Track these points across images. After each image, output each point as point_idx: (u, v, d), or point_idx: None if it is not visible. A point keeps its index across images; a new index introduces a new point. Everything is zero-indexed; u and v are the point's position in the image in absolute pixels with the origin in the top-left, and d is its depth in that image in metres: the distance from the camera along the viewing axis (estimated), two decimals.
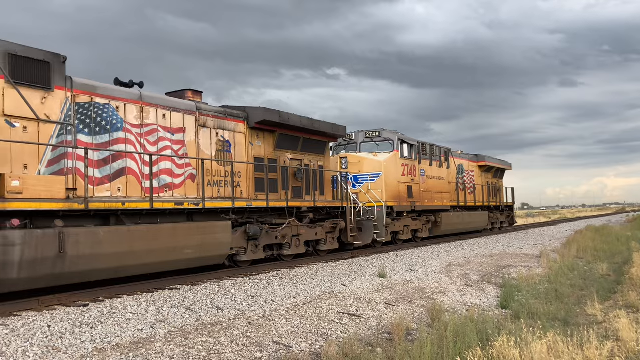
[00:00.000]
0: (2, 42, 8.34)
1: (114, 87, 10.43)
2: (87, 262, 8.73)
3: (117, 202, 9.57)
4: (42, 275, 8.18)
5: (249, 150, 13.25)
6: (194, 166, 11.56)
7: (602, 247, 19.57)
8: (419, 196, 20.59)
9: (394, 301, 9.92)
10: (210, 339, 6.73)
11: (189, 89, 12.49)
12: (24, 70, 8.57)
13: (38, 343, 6.22)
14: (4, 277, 7.71)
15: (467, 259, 16.18)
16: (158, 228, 10.12)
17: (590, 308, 9.30)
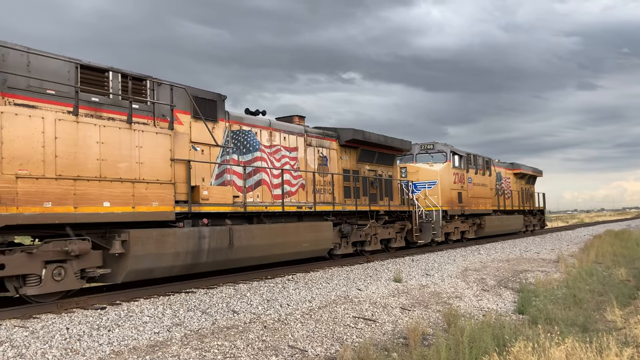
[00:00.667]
0: (190, 88, 10.99)
1: (254, 117, 13.31)
2: (245, 251, 11.41)
3: (262, 205, 12.46)
4: (219, 261, 10.87)
5: (339, 164, 16.03)
6: (304, 177, 14.40)
7: (622, 252, 19.27)
8: (467, 201, 22.94)
9: (410, 306, 9.87)
10: (226, 343, 6.76)
11: (296, 115, 15.57)
12: (201, 108, 11.23)
13: (57, 345, 6.30)
14: (199, 261, 10.41)
15: (483, 264, 16.05)
16: (287, 226, 12.93)
17: (610, 314, 9.16)
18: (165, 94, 10.42)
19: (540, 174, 34.33)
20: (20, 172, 7.86)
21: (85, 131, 8.72)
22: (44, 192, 8.08)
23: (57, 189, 8.23)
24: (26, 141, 7.95)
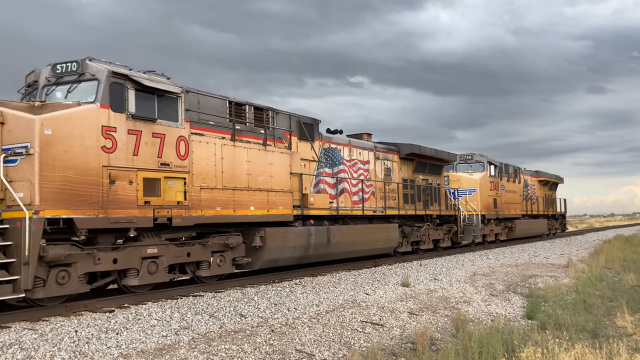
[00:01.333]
0: (296, 115, 13.70)
1: (338, 136, 15.88)
2: (338, 246, 13.99)
3: (347, 209, 15.15)
4: (320, 254, 13.52)
5: (400, 174, 18.43)
6: (374, 186, 16.81)
7: (632, 257, 19.09)
8: (501, 206, 25.65)
9: (418, 310, 9.83)
10: (233, 346, 6.77)
11: (365, 133, 17.92)
12: (305, 130, 14.03)
13: (65, 348, 6.34)
14: (307, 253, 13.03)
15: (492, 269, 15.97)
16: (366, 227, 15.64)
17: (620, 320, 9.08)
18: (280, 120, 13.18)
19: (562, 180, 37.10)
20: (202, 185, 10.54)
21: (239, 152, 11.51)
22: (216, 199, 10.82)
23: (223, 197, 10.99)
24: (205, 161, 10.65)
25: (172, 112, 10.14)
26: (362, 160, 16.50)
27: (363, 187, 16.11)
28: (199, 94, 10.94)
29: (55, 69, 9.60)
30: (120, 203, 9.09)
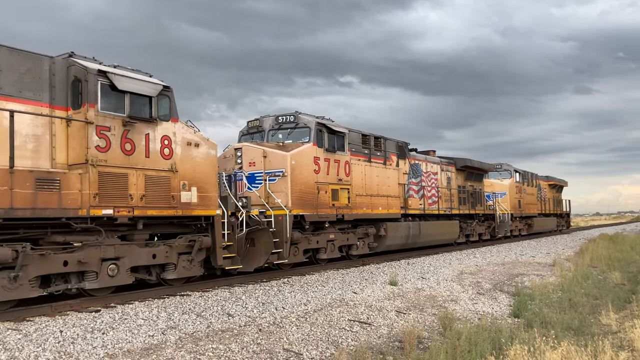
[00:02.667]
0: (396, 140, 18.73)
1: (419, 154, 20.87)
2: (424, 237, 19.26)
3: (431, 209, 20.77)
4: (414, 242, 18.63)
5: (456, 182, 23.78)
6: (440, 192, 21.92)
7: (617, 256, 19.32)
8: (523, 207, 31.30)
9: (405, 309, 9.86)
10: (220, 346, 6.73)
11: (432, 150, 23.03)
12: (403, 151, 19.19)
13: (50, 348, 6.26)
14: (407, 241, 18.16)
15: (479, 267, 16.06)
16: (439, 222, 21.17)
17: (605, 317, 9.18)
18: (389, 145, 18.24)
19: (566, 184, 43.27)
20: (357, 193, 15.92)
21: (371, 170, 16.95)
22: (363, 202, 16.18)
23: (366, 201, 16.34)
24: (358, 177, 16.06)
25: (342, 145, 15.55)
26: (433, 172, 21.71)
27: (436, 192, 21.48)
28: (351, 132, 16.02)
29: (277, 119, 14.90)
30: (322, 205, 14.41)
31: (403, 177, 18.87)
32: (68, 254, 8.64)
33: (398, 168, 18.45)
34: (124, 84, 9.28)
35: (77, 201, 8.56)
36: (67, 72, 9.00)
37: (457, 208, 23.12)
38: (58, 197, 8.32)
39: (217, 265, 10.98)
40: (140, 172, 9.52)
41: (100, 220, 8.95)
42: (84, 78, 8.88)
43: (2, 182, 7.71)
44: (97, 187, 8.81)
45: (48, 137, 8.66)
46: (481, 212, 25.78)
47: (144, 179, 9.59)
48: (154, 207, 9.70)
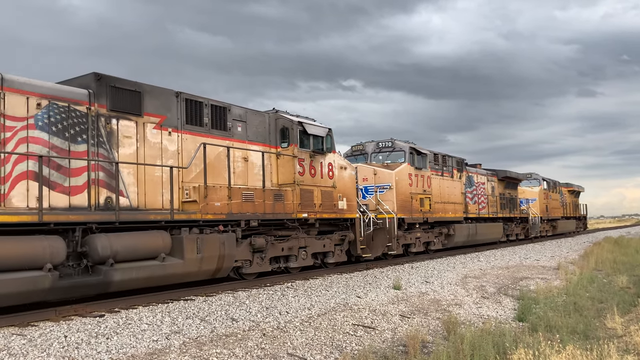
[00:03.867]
0: (457, 157, 22.89)
1: (471, 167, 25.18)
2: (479, 236, 23.52)
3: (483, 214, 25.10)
4: (472, 240, 22.92)
5: (497, 190, 28.07)
6: (487, 199, 26.21)
7: (622, 259, 19.24)
8: (549, 211, 35.89)
9: (409, 313, 9.84)
10: (224, 350, 6.73)
11: (478, 163, 27.36)
12: (461, 165, 23.46)
13: (54, 353, 6.27)
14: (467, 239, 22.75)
15: (483, 271, 16.02)
16: (490, 224, 25.60)
17: (610, 321, 9.13)
18: (452, 161, 22.61)
19: (583, 189, 47.46)
20: (435, 200, 20.10)
21: (443, 182, 21.31)
22: (438, 208, 20.51)
23: (440, 207, 20.65)
24: (435, 188, 20.37)
25: (425, 163, 20.02)
26: (481, 182, 25.90)
27: (485, 199, 25.96)
28: (430, 152, 20.47)
29: (378, 145, 19.55)
30: (414, 211, 18.86)
31: (462, 187, 23.26)
32: (284, 243, 12.97)
33: (460, 180, 23.04)
34: (311, 130, 13.69)
35: (291, 208, 12.85)
36: (275, 123, 13.29)
37: (500, 212, 27.73)
38: (283, 206, 12.65)
39: (355, 254, 15.50)
40: (319, 188, 13.95)
41: (300, 221, 13.20)
42: (290, 127, 13.23)
43: (259, 197, 11.97)
44: (300, 198, 13.11)
45: (269, 166, 12.89)
46: (517, 216, 30.51)
47: (321, 193, 14.00)
48: (325, 212, 14.09)
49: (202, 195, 10.62)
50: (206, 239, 10.55)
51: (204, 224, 10.70)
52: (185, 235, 10.31)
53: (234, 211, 11.27)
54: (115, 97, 9.68)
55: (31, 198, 8.37)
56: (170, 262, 9.84)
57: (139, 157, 10.01)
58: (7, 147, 8.24)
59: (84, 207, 9.05)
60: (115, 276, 8.96)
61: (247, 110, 12.56)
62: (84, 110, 9.26)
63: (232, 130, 12.06)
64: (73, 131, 9.08)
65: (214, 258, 10.67)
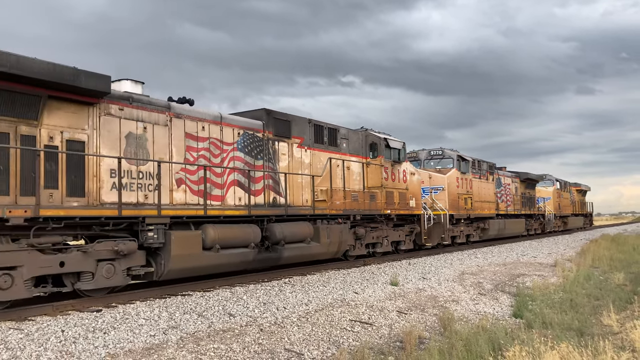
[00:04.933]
0: (490, 162, 26.53)
1: (499, 170, 28.39)
2: (506, 230, 27.43)
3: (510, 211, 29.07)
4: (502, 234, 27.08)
5: (519, 190, 31.54)
6: (512, 198, 29.75)
7: (618, 257, 19.29)
8: (562, 208, 39.95)
9: (406, 309, 9.87)
10: (222, 346, 6.75)
11: (504, 166, 30.80)
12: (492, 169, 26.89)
13: (52, 348, 6.28)
14: (497, 233, 26.41)
15: (480, 268, 16.06)
16: (515, 220, 29.35)
17: (606, 318, 9.17)
18: (485, 165, 25.72)
19: (589, 189, 51.45)
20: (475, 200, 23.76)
21: (480, 184, 24.59)
22: (477, 206, 23.94)
23: (478, 205, 24.09)
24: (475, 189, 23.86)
25: (468, 168, 23.43)
26: (507, 183, 29.43)
27: (510, 198, 29.51)
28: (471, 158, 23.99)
29: (430, 153, 22.95)
30: (460, 208, 22.07)
31: (494, 188, 26.96)
32: (374, 233, 16.41)
33: (492, 182, 26.68)
34: (393, 144, 17.33)
35: (380, 206, 16.46)
36: (365, 138, 16.70)
37: (522, 210, 31.56)
38: (375, 204, 16.26)
39: (420, 243, 19.42)
40: (397, 191, 17.52)
41: (384, 216, 16.80)
42: (377, 142, 16.81)
43: (361, 197, 15.75)
44: (385, 199, 16.65)
45: (362, 174, 16.30)
46: (536, 213, 34.39)
47: (398, 194, 17.56)
48: (401, 209, 17.73)
49: (329, 196, 14.41)
50: (332, 228, 14.23)
51: (330, 217, 14.40)
52: (321, 225, 13.91)
53: (347, 208, 15.05)
54: (277, 125, 13.20)
55: (235, 198, 11.85)
56: (313, 245, 13.49)
57: (289, 169, 13.47)
58: (224, 163, 11.69)
59: (262, 204, 12.51)
60: (284, 253, 12.54)
61: (349, 130, 16.08)
62: (260, 136, 12.71)
63: (340, 146, 15.57)
64: (255, 151, 12.54)
65: (336, 242, 14.37)
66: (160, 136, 10.29)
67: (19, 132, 8.21)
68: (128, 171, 9.58)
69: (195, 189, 10.90)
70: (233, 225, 11.24)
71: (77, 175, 8.88)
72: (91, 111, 9.19)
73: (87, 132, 9.11)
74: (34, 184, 8.15)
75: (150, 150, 10.07)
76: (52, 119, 8.64)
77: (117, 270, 9.19)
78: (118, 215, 9.12)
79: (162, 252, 9.82)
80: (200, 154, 11.15)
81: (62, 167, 8.65)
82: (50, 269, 8.29)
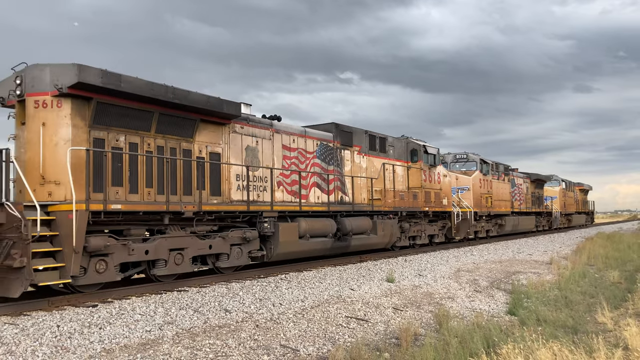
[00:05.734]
0: (505, 164, 29.72)
1: (512, 172, 31.46)
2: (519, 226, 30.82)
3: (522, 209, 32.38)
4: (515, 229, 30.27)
5: (530, 190, 34.28)
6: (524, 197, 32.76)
7: (614, 255, 19.36)
8: (566, 207, 43.14)
9: (402, 306, 9.89)
10: (217, 341, 6.76)
11: (516, 168, 33.30)
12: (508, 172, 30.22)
13: (47, 343, 6.28)
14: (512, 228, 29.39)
15: (476, 265, 16.10)
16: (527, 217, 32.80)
17: (601, 316, 9.21)
18: (502, 167, 28.62)
19: (591, 188, 54.93)
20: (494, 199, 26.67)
21: (498, 184, 27.74)
22: (496, 204, 27.02)
23: (496, 204, 27.13)
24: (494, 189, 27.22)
25: (488, 170, 26.11)
26: (519, 184, 32.13)
27: (523, 197, 32.36)
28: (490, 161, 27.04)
29: (455, 157, 26.22)
30: (482, 206, 24.88)
31: (509, 188, 29.75)
32: (415, 227, 19.22)
33: (508, 182, 29.50)
34: (429, 150, 19.75)
35: (420, 204, 19.23)
36: (407, 145, 19.11)
37: (532, 208, 34.43)
38: (417, 202, 19.03)
39: (451, 236, 21.82)
40: (433, 191, 20.15)
41: (423, 213, 19.58)
42: (418, 149, 19.18)
43: (406, 196, 18.52)
44: (424, 197, 19.37)
45: (405, 176, 18.83)
46: (544, 210, 37.43)
47: (434, 193, 20.22)
48: (436, 207, 20.47)
49: (383, 195, 17.20)
50: (385, 223, 16.88)
51: (383, 213, 17.05)
52: (378, 220, 16.51)
53: (396, 205, 17.79)
54: (342, 136, 15.99)
55: (315, 197, 14.70)
56: (372, 236, 16.23)
57: (352, 172, 16.24)
58: (307, 168, 14.53)
59: (333, 202, 15.20)
60: (352, 242, 15.33)
61: (394, 138, 18.78)
62: (331, 145, 15.54)
63: (388, 152, 18.18)
64: (328, 158, 15.33)
65: (388, 234, 17.01)
66: (266, 148, 13.17)
67: (181, 147, 10.90)
68: (247, 176, 12.22)
69: (289, 190, 13.82)
70: (317, 219, 14.18)
71: (216, 179, 11.58)
72: (224, 129, 12.00)
73: (222, 146, 11.92)
74: (190, 186, 10.90)
75: (260, 159, 12.95)
76: (201, 136, 11.36)
77: (244, 253, 11.93)
78: (247, 210, 12.00)
79: (272, 239, 12.52)
80: (292, 161, 14.06)
81: (207, 173, 11.32)
82: (203, 251, 10.97)
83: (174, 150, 10.63)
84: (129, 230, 9.65)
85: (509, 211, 29.18)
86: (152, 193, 10.11)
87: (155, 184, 10.17)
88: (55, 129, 8.96)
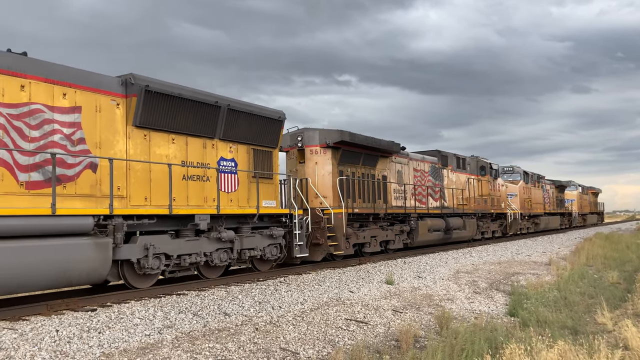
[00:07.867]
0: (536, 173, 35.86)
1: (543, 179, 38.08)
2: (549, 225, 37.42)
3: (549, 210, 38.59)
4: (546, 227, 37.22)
5: (554, 194, 39.97)
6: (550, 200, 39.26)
7: (612, 255, 19.38)
8: (582, 207, 49.21)
9: (402, 308, 9.87)
10: (217, 345, 6.73)
11: (543, 175, 37.91)
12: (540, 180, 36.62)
13: (46, 347, 6.24)
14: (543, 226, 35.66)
15: (475, 266, 16.09)
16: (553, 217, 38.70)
17: (600, 316, 9.21)
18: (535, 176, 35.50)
19: (601, 191, 61.59)
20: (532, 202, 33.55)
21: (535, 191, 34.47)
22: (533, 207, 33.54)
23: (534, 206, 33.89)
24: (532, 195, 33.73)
25: (528, 179, 32.92)
26: (548, 190, 37.50)
27: (550, 201, 37.85)
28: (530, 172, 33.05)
29: (503, 169, 31.77)
30: (525, 209, 31.52)
31: (542, 193, 35.25)
32: (485, 225, 25.54)
33: (540, 189, 35.26)
34: (493, 166, 26.09)
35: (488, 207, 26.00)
36: (477, 163, 25.13)
37: (556, 209, 39.99)
38: (486, 206, 25.77)
39: (506, 232, 27.82)
40: (495, 197, 26.38)
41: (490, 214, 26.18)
42: (485, 165, 25.52)
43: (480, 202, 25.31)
44: (490, 202, 26.16)
45: (479, 186, 25.12)
46: (565, 211, 43.36)
47: (496, 199, 26.59)
48: (497, 210, 26.91)
49: (466, 200, 23.41)
50: (469, 221, 23.24)
51: (467, 214, 23.31)
52: (465, 219, 22.90)
53: (475, 208, 24.17)
54: (442, 159, 22.16)
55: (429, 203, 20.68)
56: (462, 231, 22.49)
57: (448, 185, 22.19)
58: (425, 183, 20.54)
59: (438, 207, 21.15)
60: (453, 235, 21.55)
61: (469, 158, 24.74)
62: (437, 166, 21.61)
63: (467, 169, 24.37)
64: (435, 175, 21.24)
65: (472, 230, 23.45)
66: (405, 171, 19.24)
67: (370, 173, 17.16)
68: (397, 190, 18.30)
69: (418, 198, 19.81)
70: (435, 218, 20.35)
71: (384, 193, 17.60)
72: (388, 159, 18.21)
73: (387, 171, 18.08)
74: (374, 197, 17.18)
75: (403, 179, 19.02)
76: (379, 165, 17.62)
77: (401, 240, 18.24)
78: (404, 213, 18.44)
79: (414, 232, 18.70)
80: (417, 179, 20.06)
81: (390, 189, 18.12)
82: (384, 238, 17.35)
83: (368, 174, 16.90)
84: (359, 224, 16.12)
85: (542, 212, 35.70)
86: (360, 202, 16.25)
87: (365, 196, 16.58)
88: (323, 165, 15.42)
